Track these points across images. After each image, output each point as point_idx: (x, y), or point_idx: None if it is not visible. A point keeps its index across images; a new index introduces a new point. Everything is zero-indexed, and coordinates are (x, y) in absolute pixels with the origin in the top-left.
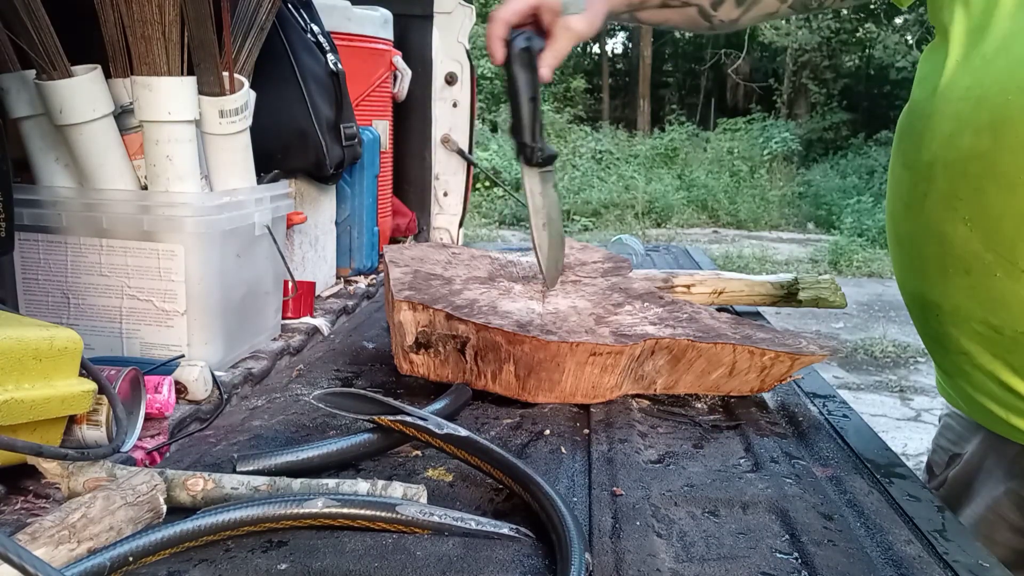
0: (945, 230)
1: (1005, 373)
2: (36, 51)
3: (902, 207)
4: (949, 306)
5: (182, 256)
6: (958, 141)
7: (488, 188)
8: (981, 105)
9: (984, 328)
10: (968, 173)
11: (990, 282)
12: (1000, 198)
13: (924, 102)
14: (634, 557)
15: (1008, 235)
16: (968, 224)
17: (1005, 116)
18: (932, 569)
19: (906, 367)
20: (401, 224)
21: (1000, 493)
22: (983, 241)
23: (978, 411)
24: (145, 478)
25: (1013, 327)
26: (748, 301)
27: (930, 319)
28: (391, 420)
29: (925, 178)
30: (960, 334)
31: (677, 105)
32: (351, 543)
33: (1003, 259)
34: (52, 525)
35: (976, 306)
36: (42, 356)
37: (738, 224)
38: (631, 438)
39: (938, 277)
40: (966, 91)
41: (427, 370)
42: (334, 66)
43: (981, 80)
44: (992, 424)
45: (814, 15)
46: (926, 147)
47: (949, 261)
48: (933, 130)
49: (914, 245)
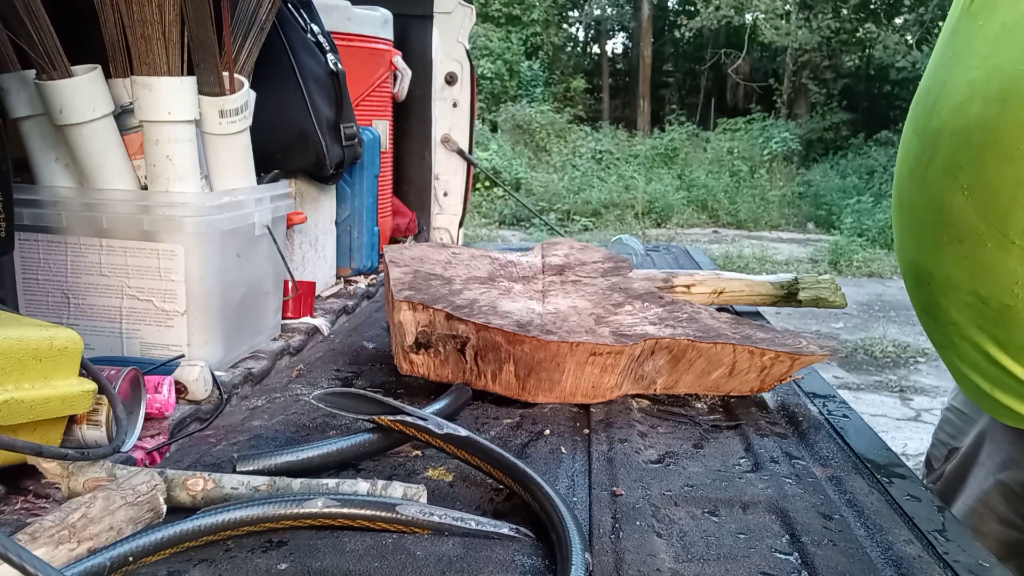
0: (944, 198)
1: (990, 346)
2: (36, 51)
3: (907, 174)
4: (941, 275)
5: (182, 256)
6: (967, 109)
7: (488, 188)
8: (995, 74)
9: (972, 299)
10: (972, 142)
11: (981, 252)
12: (998, 168)
13: (942, 68)
14: (634, 557)
15: (1002, 205)
16: (966, 193)
17: (1015, 86)
18: (932, 569)
19: (906, 367)
20: (401, 224)
21: (990, 485)
22: (978, 211)
23: (967, 386)
24: (145, 478)
25: (1000, 299)
26: (748, 301)
27: (922, 288)
28: (391, 420)
29: (932, 145)
30: (950, 304)
31: (677, 105)
32: (351, 543)
33: (995, 229)
34: (52, 525)
35: (966, 276)
36: (42, 356)
37: (738, 224)
38: (631, 438)
39: (933, 246)
40: (983, 60)
41: (427, 370)
42: (334, 66)
43: (998, 49)
44: (980, 400)
45: (814, 15)
46: (937, 114)
47: (945, 230)
48: (946, 97)
49: (914, 213)
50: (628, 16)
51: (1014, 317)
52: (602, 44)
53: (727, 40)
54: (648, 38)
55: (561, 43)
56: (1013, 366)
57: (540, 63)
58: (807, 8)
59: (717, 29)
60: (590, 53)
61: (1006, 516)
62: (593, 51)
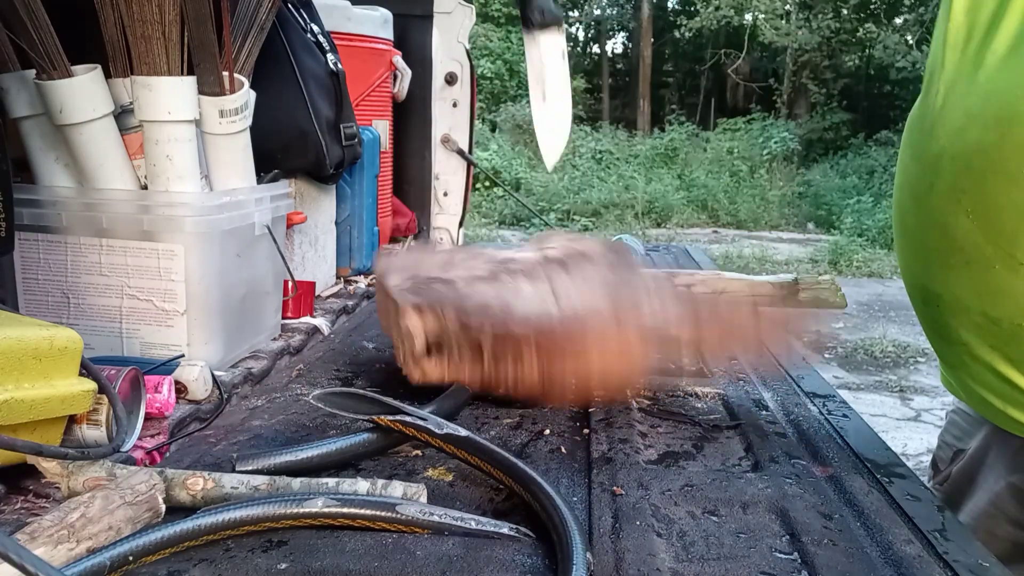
0: (948, 222)
1: (1003, 365)
2: (36, 51)
3: (909, 198)
4: (950, 297)
5: (182, 256)
6: (966, 135)
7: (488, 188)
8: (991, 100)
9: (983, 320)
10: (973, 166)
11: (989, 274)
12: (1002, 192)
13: (936, 96)
14: (634, 557)
15: (1008, 228)
16: (970, 216)
17: (1014, 112)
18: (932, 569)
19: (906, 367)
20: (401, 224)
21: (1001, 487)
22: (984, 233)
23: (978, 403)
24: (144, 477)
25: (1011, 319)
26: (748, 301)
27: (931, 310)
28: (390, 420)
29: (932, 170)
30: (960, 325)
31: (677, 105)
32: (351, 543)
33: (1002, 252)
34: (51, 525)
35: (975, 298)
36: (42, 356)
37: (738, 224)
38: (631, 438)
39: (940, 268)
40: (978, 86)
41: (441, 376)
42: (334, 66)
43: (993, 76)
44: (992, 416)
45: (814, 15)
46: (935, 140)
47: (951, 253)
48: (943, 123)
49: (919, 236)
50: (628, 16)
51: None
52: (602, 44)
53: (727, 40)
54: (648, 38)
55: None
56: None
57: None
58: (807, 8)
59: (717, 29)
60: (590, 53)
61: (1018, 518)
62: (593, 51)
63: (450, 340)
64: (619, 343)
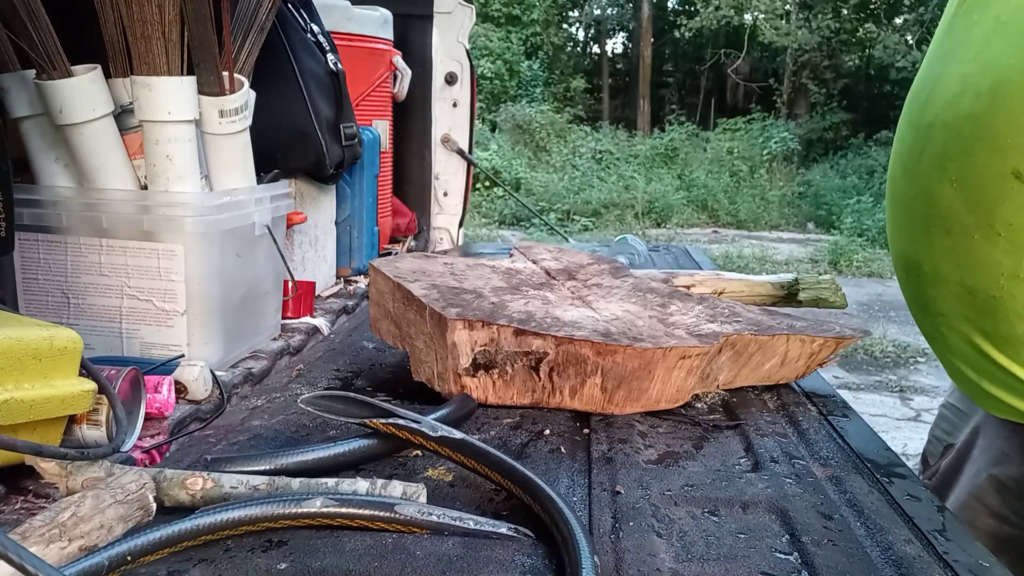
0: (933, 190)
1: (978, 337)
2: (36, 51)
3: (900, 165)
4: (929, 266)
5: (182, 256)
6: (959, 102)
7: (488, 188)
8: (987, 68)
9: (960, 290)
10: (962, 134)
11: (968, 243)
12: (986, 160)
13: (936, 63)
14: (634, 557)
15: (989, 197)
16: (954, 184)
17: (1007, 79)
18: (932, 569)
19: (906, 367)
20: (401, 224)
21: (983, 480)
22: (966, 202)
23: (955, 374)
24: (134, 477)
25: (986, 290)
26: (748, 301)
27: (912, 280)
28: (384, 423)
29: (924, 137)
30: (938, 295)
31: (677, 105)
32: (351, 543)
33: (982, 221)
34: (42, 524)
35: (954, 267)
36: (42, 356)
37: (738, 224)
38: (631, 438)
39: (923, 237)
40: (976, 54)
41: (484, 393)
42: (334, 66)
43: (991, 44)
44: (968, 390)
45: (814, 15)
46: (930, 107)
47: (933, 221)
48: (939, 91)
49: (905, 204)
50: (628, 16)
51: (1000, 308)
52: (602, 44)
53: (727, 40)
54: (648, 38)
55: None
56: (1000, 357)
57: (540, 63)
58: (807, 8)
59: (717, 29)
60: (590, 53)
61: (998, 511)
62: (593, 51)
63: (503, 356)
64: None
